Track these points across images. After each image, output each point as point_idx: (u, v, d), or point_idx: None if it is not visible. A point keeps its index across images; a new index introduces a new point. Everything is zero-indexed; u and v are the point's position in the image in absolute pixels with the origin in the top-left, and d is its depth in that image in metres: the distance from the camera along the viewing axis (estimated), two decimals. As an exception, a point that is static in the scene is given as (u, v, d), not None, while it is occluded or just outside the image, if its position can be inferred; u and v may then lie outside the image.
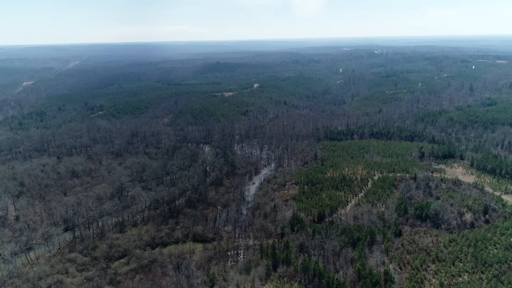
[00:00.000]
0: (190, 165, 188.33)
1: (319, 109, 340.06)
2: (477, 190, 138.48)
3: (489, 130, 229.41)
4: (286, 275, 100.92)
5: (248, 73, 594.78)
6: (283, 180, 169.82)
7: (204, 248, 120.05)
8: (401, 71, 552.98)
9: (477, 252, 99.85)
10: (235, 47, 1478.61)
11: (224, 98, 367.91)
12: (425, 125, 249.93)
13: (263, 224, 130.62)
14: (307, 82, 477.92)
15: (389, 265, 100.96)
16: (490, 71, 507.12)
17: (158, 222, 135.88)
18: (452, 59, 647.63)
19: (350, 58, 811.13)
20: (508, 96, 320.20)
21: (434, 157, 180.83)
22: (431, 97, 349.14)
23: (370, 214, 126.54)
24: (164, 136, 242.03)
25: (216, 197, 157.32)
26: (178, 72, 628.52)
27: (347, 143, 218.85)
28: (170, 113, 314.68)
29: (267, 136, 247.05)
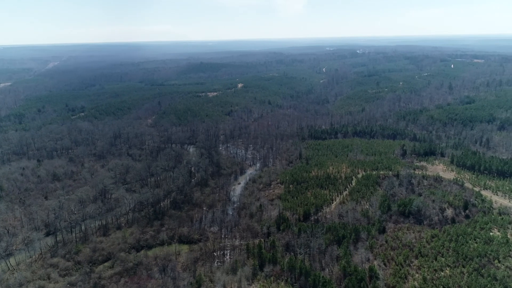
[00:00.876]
0: (174, 166, 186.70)
1: (303, 108, 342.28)
2: (458, 186, 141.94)
3: (468, 128, 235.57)
4: (272, 275, 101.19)
5: (232, 73, 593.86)
6: (269, 179, 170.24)
7: (190, 250, 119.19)
8: (383, 70, 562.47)
9: (458, 247, 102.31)
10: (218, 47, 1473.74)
11: (208, 98, 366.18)
12: (406, 123, 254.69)
13: (249, 224, 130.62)
14: (291, 82, 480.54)
15: (373, 261, 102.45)
16: (468, 70, 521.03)
17: (143, 224, 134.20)
18: (431, 59, 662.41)
19: (333, 58, 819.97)
20: (486, 94, 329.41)
21: (416, 154, 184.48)
22: (412, 95, 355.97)
23: (354, 211, 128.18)
24: (147, 137, 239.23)
25: (202, 198, 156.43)
26: (161, 72, 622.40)
27: (331, 142, 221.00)
28: (154, 114, 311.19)
29: (252, 136, 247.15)
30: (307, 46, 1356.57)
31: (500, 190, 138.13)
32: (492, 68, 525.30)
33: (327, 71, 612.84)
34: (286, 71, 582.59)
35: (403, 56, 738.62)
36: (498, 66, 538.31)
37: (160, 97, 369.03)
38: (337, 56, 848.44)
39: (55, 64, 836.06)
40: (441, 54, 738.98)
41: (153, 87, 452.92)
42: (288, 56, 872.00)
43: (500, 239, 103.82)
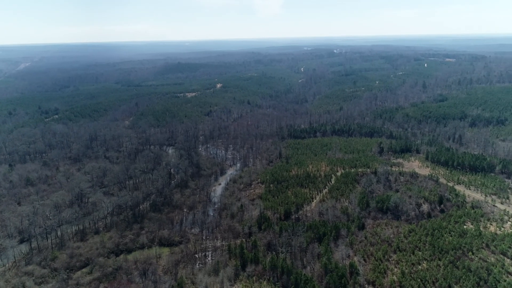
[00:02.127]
0: (153, 168, 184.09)
1: (282, 108, 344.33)
2: (433, 182, 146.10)
3: (442, 125, 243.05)
4: (254, 274, 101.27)
5: (210, 73, 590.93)
6: (249, 179, 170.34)
7: (171, 252, 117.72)
8: (360, 69, 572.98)
9: (434, 241, 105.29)
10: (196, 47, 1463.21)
11: (187, 99, 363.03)
12: (383, 121, 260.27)
13: (230, 225, 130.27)
14: (269, 82, 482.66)
15: (353, 257, 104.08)
16: (441, 69, 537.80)
17: (122, 228, 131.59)
18: (406, 58, 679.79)
19: (310, 58, 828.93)
20: (458, 92, 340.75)
21: (392, 151, 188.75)
22: (388, 94, 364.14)
23: (334, 209, 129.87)
24: (125, 139, 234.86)
25: (182, 200, 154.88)
26: (138, 73, 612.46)
27: (310, 141, 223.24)
28: (131, 115, 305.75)
29: (232, 136, 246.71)
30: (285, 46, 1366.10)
31: (472, 184, 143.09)
32: (463, 67, 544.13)
33: (305, 71, 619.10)
34: (264, 71, 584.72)
35: (379, 56, 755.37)
36: (468, 65, 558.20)
37: (138, 98, 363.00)
38: (315, 56, 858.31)
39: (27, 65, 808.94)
40: (415, 54, 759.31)
41: (130, 88, 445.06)
42: (267, 56, 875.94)
43: (473, 232, 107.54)
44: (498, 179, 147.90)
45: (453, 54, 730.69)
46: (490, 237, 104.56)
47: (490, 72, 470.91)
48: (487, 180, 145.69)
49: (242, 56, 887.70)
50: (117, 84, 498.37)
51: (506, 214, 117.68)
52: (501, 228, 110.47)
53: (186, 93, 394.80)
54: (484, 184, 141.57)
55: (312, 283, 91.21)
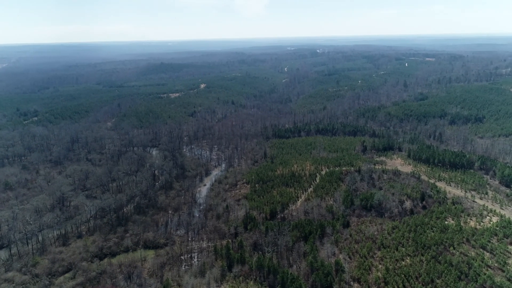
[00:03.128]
0: (137, 170, 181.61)
1: (267, 107, 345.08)
2: (415, 179, 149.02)
3: (422, 123, 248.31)
4: (241, 275, 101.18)
5: (194, 73, 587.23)
6: (234, 180, 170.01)
7: (156, 255, 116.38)
8: (342, 69, 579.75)
9: (417, 237, 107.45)
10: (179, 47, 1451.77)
11: (170, 100, 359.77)
12: (366, 120, 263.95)
13: (216, 225, 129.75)
14: (253, 82, 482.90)
15: (339, 255, 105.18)
16: (421, 68, 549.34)
17: (106, 232, 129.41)
18: (387, 57, 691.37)
19: (294, 58, 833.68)
20: (437, 91, 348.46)
21: (375, 150, 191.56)
22: (370, 93, 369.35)
23: (319, 207, 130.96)
24: (107, 141, 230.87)
25: (167, 201, 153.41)
26: (120, 73, 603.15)
27: (294, 140, 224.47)
28: (113, 116, 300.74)
29: (216, 136, 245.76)
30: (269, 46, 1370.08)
31: (453, 181, 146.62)
32: (442, 66, 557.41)
33: (288, 71, 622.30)
34: (248, 71, 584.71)
35: (361, 55, 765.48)
36: (447, 64, 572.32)
37: (120, 99, 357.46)
38: (298, 56, 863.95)
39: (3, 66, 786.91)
40: (396, 53, 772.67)
41: (112, 89, 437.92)
42: (250, 56, 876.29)
43: (454, 227, 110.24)
44: (477, 175, 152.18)
45: (433, 53, 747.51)
46: (470, 232, 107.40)
47: (468, 71, 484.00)
48: (467, 177, 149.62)
49: (226, 56, 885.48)
50: (99, 85, 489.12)
51: (485, 209, 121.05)
52: (480, 223, 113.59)
53: (170, 93, 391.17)
54: (464, 180, 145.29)
55: (298, 282, 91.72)
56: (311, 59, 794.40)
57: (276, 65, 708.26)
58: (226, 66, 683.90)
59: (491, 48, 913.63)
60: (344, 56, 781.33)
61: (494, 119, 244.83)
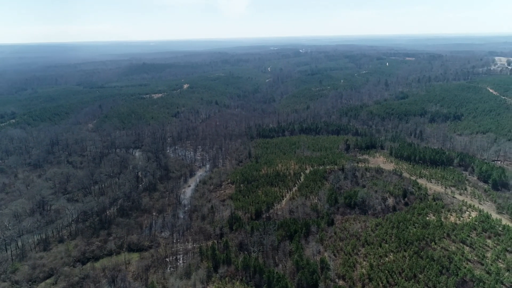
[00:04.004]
0: (120, 172, 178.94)
1: (250, 107, 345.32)
2: (397, 176, 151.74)
3: (404, 121, 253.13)
4: (227, 275, 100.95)
5: (177, 73, 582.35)
6: (219, 180, 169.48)
7: (140, 257, 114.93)
8: (325, 68, 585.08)
9: (399, 233, 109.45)
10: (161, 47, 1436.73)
11: (153, 100, 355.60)
12: (349, 119, 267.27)
13: (201, 226, 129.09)
14: (237, 82, 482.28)
15: (324, 253, 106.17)
16: (402, 67, 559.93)
17: (88, 235, 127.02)
18: (369, 57, 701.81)
19: (277, 57, 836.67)
20: (417, 90, 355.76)
21: (358, 148, 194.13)
22: (353, 92, 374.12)
23: (304, 206, 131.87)
24: (89, 143, 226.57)
25: (151, 203, 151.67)
26: (101, 74, 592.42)
27: (279, 139, 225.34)
28: (95, 118, 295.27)
29: (200, 137, 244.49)
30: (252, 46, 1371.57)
31: (433, 177, 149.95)
32: (422, 65, 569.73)
33: (272, 70, 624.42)
34: (232, 71, 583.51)
35: (343, 55, 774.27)
36: (427, 64, 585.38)
37: (101, 100, 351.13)
38: (281, 56, 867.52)
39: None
40: (377, 53, 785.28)
41: (93, 90, 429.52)
42: (234, 56, 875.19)
43: (435, 223, 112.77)
44: (457, 172, 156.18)
45: (413, 53, 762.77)
46: (451, 227, 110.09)
47: (447, 70, 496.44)
48: (447, 173, 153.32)
49: (209, 56, 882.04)
50: (79, 86, 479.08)
51: (464, 205, 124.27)
52: (460, 218, 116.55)
53: (152, 94, 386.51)
54: (444, 177, 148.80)
55: (284, 281, 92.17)
56: (294, 59, 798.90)
57: (260, 65, 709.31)
58: (209, 66, 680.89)
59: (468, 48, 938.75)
60: (326, 56, 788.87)
61: (472, 117, 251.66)
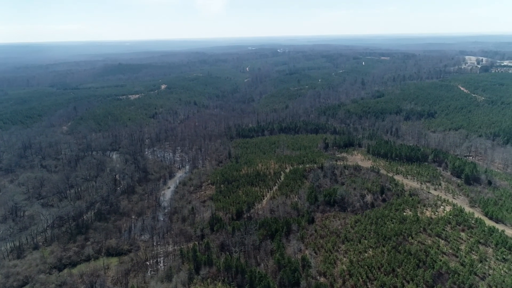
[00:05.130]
0: (97, 175, 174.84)
1: (230, 107, 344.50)
2: (374, 173, 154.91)
3: (380, 119, 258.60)
4: (209, 276, 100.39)
5: (154, 74, 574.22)
6: (199, 181, 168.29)
7: (120, 262, 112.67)
8: (303, 68, 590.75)
9: (378, 229, 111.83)
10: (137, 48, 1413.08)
11: (130, 101, 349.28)
12: (327, 118, 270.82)
13: (182, 228, 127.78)
14: (215, 82, 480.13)
15: (305, 251, 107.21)
16: (377, 66, 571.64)
17: (64, 241, 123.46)
18: (345, 57, 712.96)
19: (255, 57, 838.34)
20: (393, 88, 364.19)
21: (336, 146, 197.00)
22: (330, 91, 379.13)
23: (285, 205, 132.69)
24: (64, 146, 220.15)
25: (129, 206, 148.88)
26: (75, 75, 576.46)
27: (258, 139, 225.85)
28: (69, 120, 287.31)
29: (179, 138, 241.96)
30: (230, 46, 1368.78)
31: (409, 174, 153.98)
32: (396, 64, 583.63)
33: (250, 70, 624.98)
34: (210, 71, 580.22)
35: (320, 55, 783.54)
36: (401, 63, 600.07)
37: (76, 101, 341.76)
38: (259, 56, 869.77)
39: None
40: (353, 53, 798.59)
41: (67, 91, 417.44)
42: (212, 56, 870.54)
43: (412, 218, 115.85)
44: (431, 168, 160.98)
45: (388, 52, 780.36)
46: (427, 222, 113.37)
47: (420, 69, 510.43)
48: (422, 169, 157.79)
49: (186, 56, 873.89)
50: (52, 87, 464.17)
51: (439, 199, 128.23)
52: (435, 212, 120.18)
53: (129, 95, 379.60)
54: (419, 173, 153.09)
55: (266, 280, 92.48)
56: (272, 58, 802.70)
57: (238, 64, 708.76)
58: (187, 66, 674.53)
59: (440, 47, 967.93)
60: (304, 56, 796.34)
61: (445, 114, 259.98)
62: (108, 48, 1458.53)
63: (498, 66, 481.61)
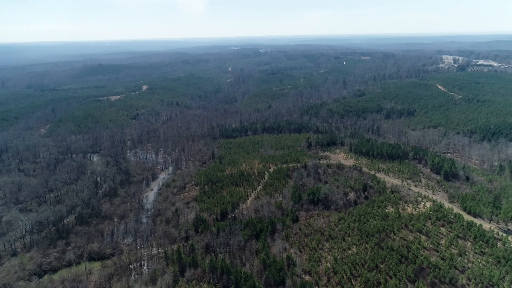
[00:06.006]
0: (77, 178, 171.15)
1: (212, 108, 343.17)
2: (357, 171, 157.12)
3: (361, 118, 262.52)
4: (194, 278, 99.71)
5: (135, 74, 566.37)
6: (183, 182, 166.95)
7: (102, 266, 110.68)
8: (285, 68, 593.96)
9: (361, 226, 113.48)
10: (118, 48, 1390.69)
11: (111, 103, 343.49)
12: (309, 117, 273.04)
13: (165, 230, 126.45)
14: (198, 82, 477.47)
15: (290, 250, 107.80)
16: (358, 66, 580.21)
17: (44, 246, 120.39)
18: (327, 56, 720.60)
19: (237, 57, 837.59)
20: (373, 88, 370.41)
21: (319, 145, 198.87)
22: (313, 91, 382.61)
23: (269, 205, 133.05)
24: (42, 149, 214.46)
25: (112, 209, 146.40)
26: (53, 76, 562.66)
27: (242, 139, 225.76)
28: (48, 122, 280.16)
29: (162, 139, 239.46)
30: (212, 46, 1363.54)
31: (390, 171, 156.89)
32: (377, 64, 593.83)
33: (233, 70, 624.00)
34: (192, 71, 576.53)
35: (302, 55, 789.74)
36: (381, 62, 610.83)
37: (54, 103, 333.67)
38: (242, 56, 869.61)
39: None
40: (335, 52, 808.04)
41: (45, 93, 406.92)
42: (193, 56, 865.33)
43: (394, 214, 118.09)
44: (412, 165, 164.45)
45: (368, 52, 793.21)
46: (408, 218, 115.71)
47: (400, 68, 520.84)
48: (403, 166, 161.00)
49: (168, 57, 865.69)
50: (29, 89, 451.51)
51: (419, 196, 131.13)
52: (416, 208, 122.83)
53: (110, 96, 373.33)
54: (400, 170, 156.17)
55: (252, 280, 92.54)
56: (254, 58, 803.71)
57: (220, 65, 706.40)
58: (169, 67, 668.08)
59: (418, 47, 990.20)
60: (286, 56, 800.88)
61: (424, 112, 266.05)
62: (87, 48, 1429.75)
63: (473, 65, 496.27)
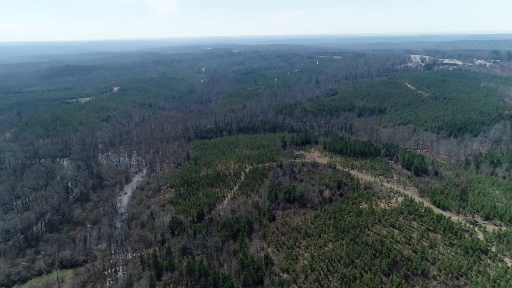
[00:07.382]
0: (46, 184, 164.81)
1: (186, 109, 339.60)
2: (331, 169, 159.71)
3: (335, 117, 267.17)
4: (171, 281, 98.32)
5: (105, 75, 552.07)
6: (158, 185, 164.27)
7: (75, 274, 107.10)
8: (259, 68, 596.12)
9: (336, 222, 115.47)
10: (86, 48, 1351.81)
11: (80, 105, 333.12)
12: (284, 117, 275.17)
13: (141, 234, 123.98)
14: (171, 83, 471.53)
15: (267, 249, 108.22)
16: (330, 65, 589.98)
17: (12, 256, 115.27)
18: (299, 56, 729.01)
19: (211, 57, 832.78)
20: (346, 87, 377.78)
21: (294, 144, 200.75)
22: (286, 91, 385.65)
23: (246, 205, 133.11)
24: (7, 154, 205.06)
25: (84, 215, 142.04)
26: (18, 78, 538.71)
27: (217, 140, 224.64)
28: (13, 126, 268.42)
29: (135, 141, 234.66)
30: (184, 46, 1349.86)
31: (364, 168, 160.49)
32: (348, 63, 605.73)
33: (206, 71, 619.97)
34: (165, 71, 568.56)
35: (275, 54, 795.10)
36: (352, 62, 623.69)
37: (20, 106, 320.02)
38: (215, 56, 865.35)
39: None
40: (307, 52, 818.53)
41: (9, 95, 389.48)
42: (166, 57, 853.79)
43: (368, 210, 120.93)
44: (383, 161, 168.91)
45: (340, 52, 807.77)
46: (381, 213, 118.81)
47: (370, 67, 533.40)
48: (375, 163, 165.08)
49: (140, 57, 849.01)
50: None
51: (392, 191, 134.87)
52: (389, 204, 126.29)
53: (79, 98, 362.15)
54: (373, 167, 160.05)
55: (230, 281, 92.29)
56: (228, 58, 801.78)
57: (193, 65, 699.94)
58: (141, 67, 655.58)
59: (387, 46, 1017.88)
60: (259, 56, 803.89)
61: (394, 110, 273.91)
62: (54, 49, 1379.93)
63: (440, 64, 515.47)
